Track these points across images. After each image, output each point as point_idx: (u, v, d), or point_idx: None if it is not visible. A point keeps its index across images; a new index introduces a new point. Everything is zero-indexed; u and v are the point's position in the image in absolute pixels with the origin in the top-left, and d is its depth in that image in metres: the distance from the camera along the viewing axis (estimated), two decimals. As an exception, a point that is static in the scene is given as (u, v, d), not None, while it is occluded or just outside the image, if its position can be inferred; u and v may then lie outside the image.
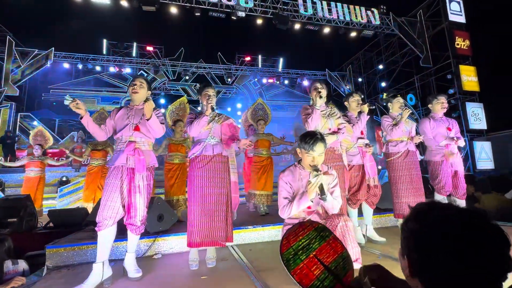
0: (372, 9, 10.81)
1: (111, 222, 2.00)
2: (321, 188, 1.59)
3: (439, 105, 3.13)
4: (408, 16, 11.58)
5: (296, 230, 0.91)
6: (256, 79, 15.58)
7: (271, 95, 16.60)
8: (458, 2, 10.82)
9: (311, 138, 1.70)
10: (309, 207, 1.76)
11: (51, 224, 3.79)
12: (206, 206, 2.19)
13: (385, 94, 10.11)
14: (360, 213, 2.88)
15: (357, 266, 1.48)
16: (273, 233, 2.83)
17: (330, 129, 2.45)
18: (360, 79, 15.78)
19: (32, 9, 10.22)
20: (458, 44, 10.37)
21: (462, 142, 3.17)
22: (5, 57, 11.23)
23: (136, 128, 2.14)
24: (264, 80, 15.94)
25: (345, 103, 2.94)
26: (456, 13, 10.69)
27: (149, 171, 2.17)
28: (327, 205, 1.72)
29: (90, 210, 4.40)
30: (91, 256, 2.51)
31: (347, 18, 10.38)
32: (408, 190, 2.89)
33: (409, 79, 12.82)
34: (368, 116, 2.77)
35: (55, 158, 9.39)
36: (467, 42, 10.51)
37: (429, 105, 3.24)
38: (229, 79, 15.25)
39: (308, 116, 2.38)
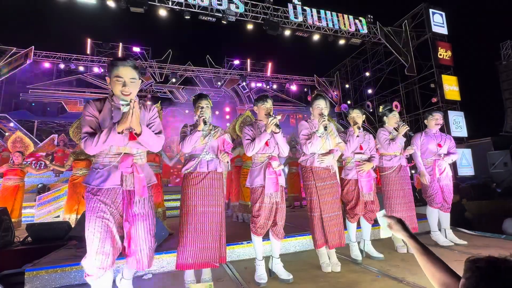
0: (360, 18, 11.05)
1: (104, 271, 1.48)
2: (277, 125, 2.19)
3: (433, 121, 3.22)
4: (394, 26, 11.94)
5: None
6: (244, 83, 15.54)
7: (260, 99, 16.58)
8: (441, 15, 11.26)
9: (263, 96, 2.39)
10: (267, 144, 2.28)
11: (29, 239, 3.56)
12: (199, 225, 2.09)
13: (381, 107, 10.42)
14: (358, 225, 2.87)
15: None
16: (267, 248, 2.75)
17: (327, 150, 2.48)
18: (347, 86, 16.09)
19: (12, 5, 9.72)
20: (440, 55, 10.77)
21: (452, 158, 3.24)
22: (-20, 55, 10.60)
23: (132, 137, 1.58)
24: (253, 84, 15.93)
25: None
26: (439, 24, 11.12)
27: (149, 191, 1.72)
28: (280, 143, 2.30)
29: (72, 222, 4.17)
30: (75, 278, 2.34)
31: (336, 26, 10.56)
32: (401, 204, 2.92)
33: (394, 86, 13.19)
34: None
35: (35, 163, 8.94)
36: (449, 53, 10.94)
37: (425, 121, 3.32)
38: (218, 83, 15.12)
39: (308, 141, 2.40)
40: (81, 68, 13.12)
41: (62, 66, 12.66)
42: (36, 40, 11.66)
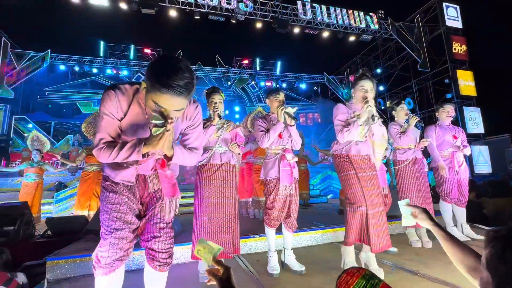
0: (371, 14, 10.89)
1: (120, 263, 1.28)
2: (293, 117, 2.22)
3: (445, 113, 3.15)
4: (405, 21, 11.70)
5: (345, 278, 0.88)
6: (254, 82, 15.57)
7: (269, 98, 16.58)
8: (455, 8, 10.96)
9: (275, 88, 2.41)
10: (280, 136, 2.26)
11: (49, 233, 3.69)
12: (213, 216, 2.13)
13: (388, 102, 10.22)
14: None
15: None
16: (279, 242, 2.76)
17: (366, 136, 2.16)
18: (358, 83, 15.87)
19: (29, 11, 10.11)
20: (455, 49, 10.48)
21: (468, 151, 3.17)
22: (0, 59, 11.04)
23: (162, 165, 1.32)
24: (262, 83, 15.94)
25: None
26: (453, 18, 10.82)
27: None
28: (293, 135, 2.29)
29: (88, 217, 4.29)
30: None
31: (346, 23, 10.44)
32: (416, 198, 2.87)
33: (406, 83, 12.93)
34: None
35: (51, 162, 9.25)
36: (464, 47, 10.63)
37: (436, 113, 3.25)
38: (228, 82, 15.22)
39: (346, 129, 2.07)
40: (95, 70, 13.48)
41: (76, 68, 13.04)
42: (52, 44, 12.08)
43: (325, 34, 10.63)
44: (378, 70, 14.37)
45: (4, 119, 11.16)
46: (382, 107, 13.82)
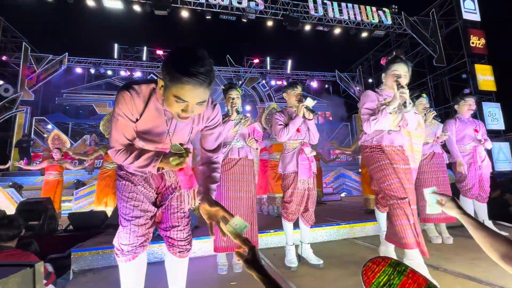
0: (384, 9, 10.69)
1: (142, 249, 1.30)
2: (311, 110, 2.24)
3: (466, 106, 3.05)
4: (420, 15, 11.42)
5: (371, 266, 0.87)
6: (264, 81, 15.57)
7: (280, 97, 16.56)
8: (473, 0, 10.60)
9: (293, 82, 2.39)
10: (298, 130, 2.26)
11: (71, 227, 3.83)
12: (232, 210, 2.15)
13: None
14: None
15: None
16: (296, 236, 2.76)
17: (399, 126, 1.97)
18: (370, 80, 15.61)
19: (47, 16, 10.49)
20: (473, 43, 10.15)
21: (489, 144, 3.07)
22: (21, 63, 11.51)
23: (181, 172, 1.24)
24: (273, 82, 15.92)
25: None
26: (470, 11, 10.48)
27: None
28: (312, 129, 2.32)
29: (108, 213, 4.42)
30: (114, 260, 2.49)
31: (358, 19, 10.30)
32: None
33: (421, 79, 12.61)
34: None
35: (72, 161, 9.57)
36: (483, 41, 10.28)
37: (456, 106, 3.15)
38: (239, 82, 15.28)
39: (373, 117, 1.88)
40: (109, 72, 13.86)
41: (92, 71, 13.44)
42: (69, 47, 12.48)
43: (337, 31, 10.52)
44: (392, 67, 14.09)
45: (25, 121, 11.62)
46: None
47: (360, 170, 9.40)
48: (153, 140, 1.21)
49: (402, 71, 1.89)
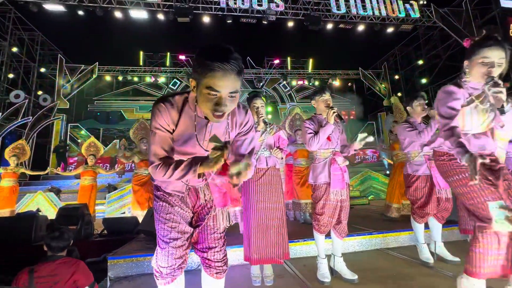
0: (411, 1, 10.16)
1: (180, 271, 1.31)
2: (340, 117, 2.15)
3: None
4: (451, 6, 10.71)
5: None
6: (285, 82, 15.44)
7: (302, 96, 16.35)
8: (512, -14, 9.76)
9: (320, 88, 2.29)
10: (329, 138, 2.18)
11: (105, 232, 4.01)
12: (262, 221, 2.13)
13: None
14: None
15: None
16: (326, 246, 2.68)
17: (489, 127, 1.60)
18: (397, 76, 14.94)
19: (79, 28, 11.17)
20: (513, 32, 9.34)
21: None
22: (57, 74, 12.34)
23: (223, 172, 1.22)
24: (294, 82, 15.74)
25: (408, 108, 2.66)
26: (509, -2, 9.65)
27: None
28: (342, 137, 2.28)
29: (139, 218, 4.58)
30: (147, 268, 2.57)
31: (383, 13, 9.87)
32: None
33: (454, 73, 11.82)
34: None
35: (104, 166, 10.10)
36: (525, 29, 9.42)
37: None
38: (259, 84, 15.28)
39: (453, 125, 1.47)
40: (135, 79, 14.46)
41: (120, 78, 14.09)
42: (99, 57, 13.16)
43: (360, 27, 10.16)
44: (420, 62, 13.38)
45: (61, 127, 12.44)
46: (426, 101, 12.79)
47: (388, 172, 9.00)
48: (189, 152, 1.21)
49: (495, 57, 1.42)
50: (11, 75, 10.90)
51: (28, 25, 11.46)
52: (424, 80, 13.30)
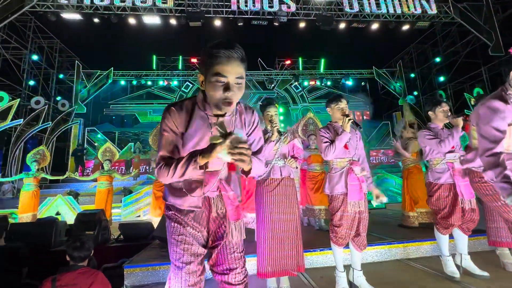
0: (427, -3, 9.83)
1: None
2: (356, 124, 2.09)
3: None
4: (471, 1, 10.28)
5: None
6: (297, 83, 15.30)
7: (314, 97, 16.16)
8: (537, -22, 9.26)
9: (336, 96, 2.22)
10: (346, 147, 2.11)
11: (121, 237, 4.07)
12: (276, 233, 2.08)
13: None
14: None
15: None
16: (345, 256, 2.59)
17: None
18: (412, 75, 14.51)
19: (95, 35, 11.50)
20: (539, 26, 8.85)
21: None
22: (74, 79, 12.75)
23: (232, 167, 1.31)
24: (306, 83, 15.58)
25: (429, 113, 2.54)
26: (534, -10, 9.16)
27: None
28: (359, 145, 2.18)
29: (155, 224, 4.62)
30: (162, 277, 2.57)
31: (398, 11, 9.59)
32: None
33: (474, 70, 11.35)
34: (463, 132, 2.30)
35: (119, 169, 10.33)
36: (552, 23, 8.91)
37: None
38: (270, 85, 15.22)
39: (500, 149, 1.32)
40: (149, 83, 14.73)
41: (134, 82, 14.39)
42: (114, 62, 13.50)
43: (374, 26, 9.91)
44: (438, 59, 12.92)
45: (79, 131, 12.84)
46: (445, 100, 12.32)
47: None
48: (200, 144, 1.22)
49: None
50: (31, 82, 11.36)
51: (47, 33, 11.90)
52: (441, 78, 12.83)
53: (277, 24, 9.30)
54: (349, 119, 2.05)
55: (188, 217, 1.25)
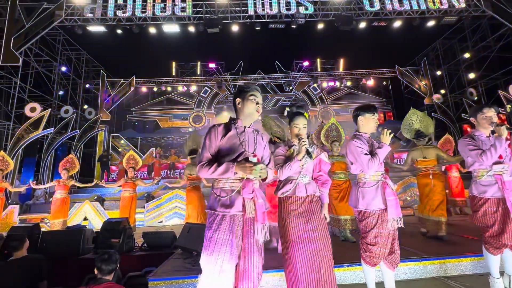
0: (455, -10, 9.28)
1: None
2: (396, 137, 1.86)
3: None
4: (504, -9, 9.59)
5: None
6: (315, 84, 15.03)
7: (333, 98, 15.81)
8: None
9: (370, 106, 2.13)
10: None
11: (145, 245, 4.13)
12: (307, 254, 1.85)
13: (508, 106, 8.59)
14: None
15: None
16: (376, 273, 2.42)
17: None
18: (438, 72, 13.77)
19: (117, 45, 11.94)
20: None
21: None
22: (100, 88, 13.32)
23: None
24: (324, 84, 15.27)
25: (471, 119, 2.34)
26: None
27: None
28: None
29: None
30: (187, 289, 2.55)
31: (423, 6, 9.14)
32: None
33: (507, 66, 10.57)
34: (508, 142, 2.08)
35: (141, 174, 10.62)
36: None
37: None
38: (288, 87, 15.07)
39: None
40: (169, 89, 15.09)
41: (155, 89, 14.80)
42: (136, 70, 13.95)
43: (397, 23, 9.51)
44: (467, 55, 12.17)
45: (104, 138, 13.37)
46: (475, 98, 11.58)
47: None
48: (233, 154, 1.67)
49: None
50: (61, 92, 11.99)
51: (74, 45, 12.54)
52: (471, 75, 12.06)
53: (294, 26, 9.18)
54: (389, 132, 1.92)
55: (229, 225, 1.59)
